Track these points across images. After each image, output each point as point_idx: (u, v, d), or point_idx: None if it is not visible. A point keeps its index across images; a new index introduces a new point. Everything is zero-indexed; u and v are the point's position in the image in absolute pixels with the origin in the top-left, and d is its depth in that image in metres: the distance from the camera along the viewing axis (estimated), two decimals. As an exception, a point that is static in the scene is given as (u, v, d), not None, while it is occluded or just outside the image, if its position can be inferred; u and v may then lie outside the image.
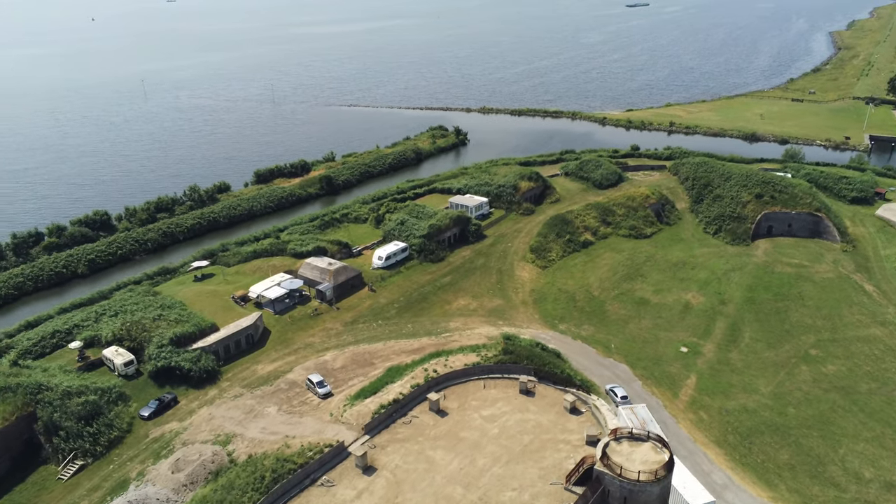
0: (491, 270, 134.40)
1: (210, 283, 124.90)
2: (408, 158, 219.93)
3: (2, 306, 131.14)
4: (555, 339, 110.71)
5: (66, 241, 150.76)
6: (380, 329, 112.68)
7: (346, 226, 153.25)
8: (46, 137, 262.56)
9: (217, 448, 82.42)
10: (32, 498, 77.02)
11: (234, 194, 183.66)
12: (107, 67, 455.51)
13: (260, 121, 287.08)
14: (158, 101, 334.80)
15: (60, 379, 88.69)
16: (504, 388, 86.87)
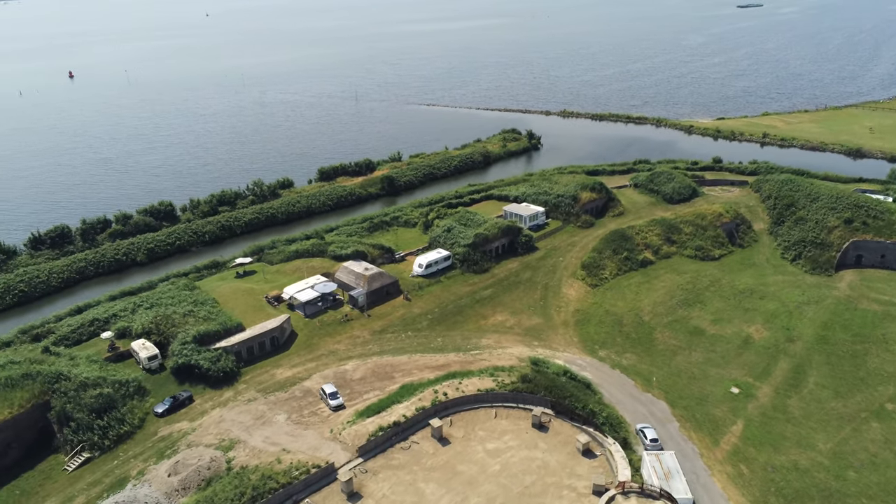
0: (536, 286, 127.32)
1: (249, 281, 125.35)
2: (475, 161, 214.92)
3: (64, 289, 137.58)
4: (590, 367, 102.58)
5: (131, 229, 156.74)
6: (407, 341, 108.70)
7: (395, 229, 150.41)
8: (140, 127, 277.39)
9: (218, 454, 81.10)
10: (36, 486, 78.54)
11: (296, 191, 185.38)
12: (211, 61, 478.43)
13: (338, 118, 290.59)
14: (248, 95, 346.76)
15: (81, 369, 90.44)
16: (516, 420, 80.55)
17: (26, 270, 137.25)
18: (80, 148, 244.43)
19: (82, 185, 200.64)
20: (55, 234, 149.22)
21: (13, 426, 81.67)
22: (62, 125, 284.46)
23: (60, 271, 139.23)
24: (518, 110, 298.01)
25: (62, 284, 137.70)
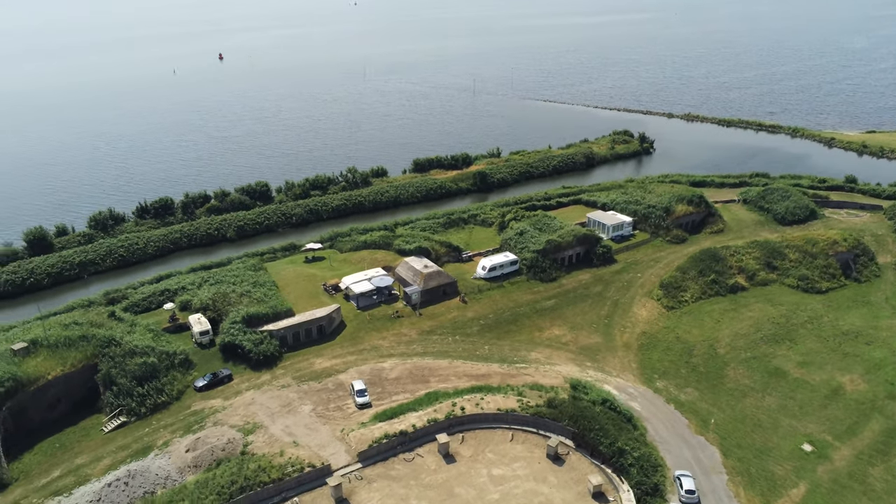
0: (605, 301, 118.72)
1: (315, 267, 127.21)
2: (576, 162, 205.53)
3: (158, 258, 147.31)
4: (641, 398, 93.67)
5: (227, 205, 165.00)
6: (453, 345, 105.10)
7: (471, 227, 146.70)
8: (263, 110, 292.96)
9: (238, 436, 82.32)
10: (74, 442, 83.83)
11: (388, 180, 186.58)
12: (345, 49, 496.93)
13: (451, 110, 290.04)
14: (370, 84, 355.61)
15: (134, 337, 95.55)
16: (532, 447, 74.71)
17: (128, 237, 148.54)
18: (208, 127, 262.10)
19: (198, 161, 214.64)
20: (159, 206, 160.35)
21: (64, 383, 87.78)
22: (201, 103, 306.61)
23: (157, 240, 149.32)
24: (638, 111, 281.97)
25: (157, 253, 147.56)
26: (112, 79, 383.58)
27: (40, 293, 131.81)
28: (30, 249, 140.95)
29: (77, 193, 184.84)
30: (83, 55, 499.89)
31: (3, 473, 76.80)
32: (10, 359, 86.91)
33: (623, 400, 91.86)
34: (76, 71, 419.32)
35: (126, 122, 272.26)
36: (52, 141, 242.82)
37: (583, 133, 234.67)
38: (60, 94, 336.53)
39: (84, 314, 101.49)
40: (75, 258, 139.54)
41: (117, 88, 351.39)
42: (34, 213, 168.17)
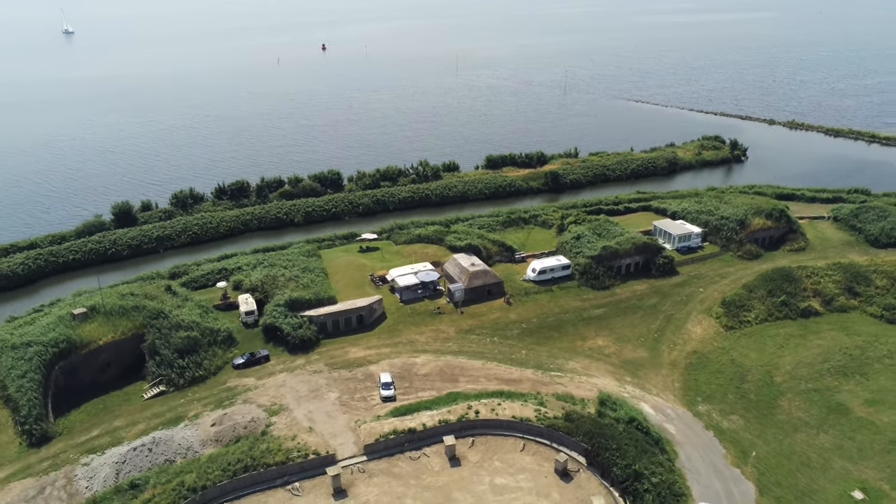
0: (658, 315, 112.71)
1: (367, 257, 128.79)
2: (657, 167, 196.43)
3: (228, 237, 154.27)
4: (679, 420, 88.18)
5: (299, 191, 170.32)
6: (490, 346, 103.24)
7: (531, 228, 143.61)
8: (353, 100, 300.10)
9: (262, 416, 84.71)
10: (116, 405, 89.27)
11: (459, 175, 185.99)
12: (445, 44, 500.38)
13: (537, 107, 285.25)
14: (460, 78, 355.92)
15: (183, 311, 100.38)
16: (542, 459, 72.00)
17: (203, 216, 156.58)
18: (297, 114, 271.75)
19: (281, 147, 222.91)
20: (235, 188, 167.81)
21: (114, 348, 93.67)
22: (297, 92, 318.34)
23: (229, 221, 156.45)
24: (736, 116, 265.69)
25: (228, 233, 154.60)
26: (223, 66, 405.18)
27: (120, 263, 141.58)
28: (116, 222, 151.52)
29: (170, 171, 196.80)
30: (203, 43, 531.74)
31: (49, 427, 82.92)
32: (70, 322, 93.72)
33: (657, 421, 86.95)
34: (193, 57, 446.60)
35: (226, 107, 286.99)
36: (160, 123, 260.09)
37: (670, 136, 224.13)
38: (179, 79, 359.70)
39: (141, 286, 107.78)
40: (154, 233, 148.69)
41: (227, 76, 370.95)
42: (131, 188, 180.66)
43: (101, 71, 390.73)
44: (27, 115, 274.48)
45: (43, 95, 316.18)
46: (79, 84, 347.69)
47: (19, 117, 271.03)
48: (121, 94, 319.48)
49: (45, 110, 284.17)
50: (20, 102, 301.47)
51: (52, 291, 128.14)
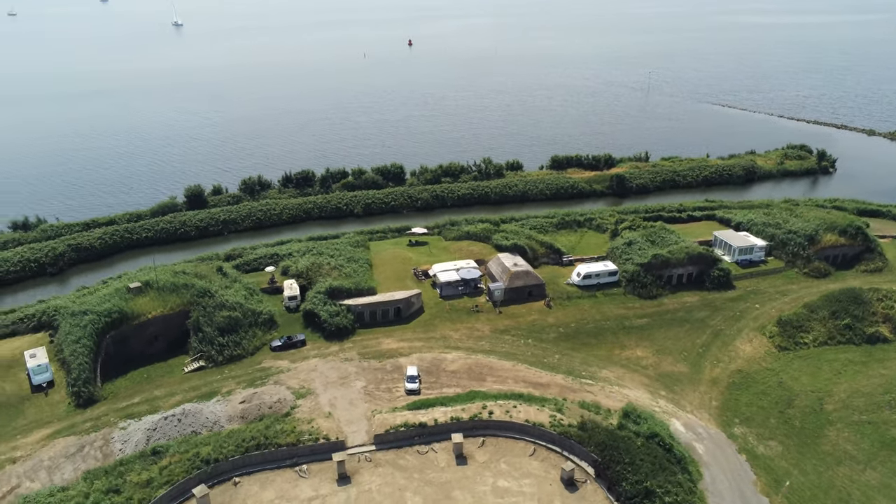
0: (705, 329, 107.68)
1: (415, 251, 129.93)
2: (732, 175, 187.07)
3: (289, 224, 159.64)
4: (709, 441, 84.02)
5: (361, 183, 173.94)
6: (524, 348, 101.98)
7: (584, 231, 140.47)
8: (428, 95, 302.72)
9: (289, 398, 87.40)
10: (158, 377, 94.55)
11: (521, 174, 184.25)
12: (534, 41, 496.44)
13: (614, 109, 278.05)
14: (541, 77, 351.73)
15: (229, 292, 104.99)
16: (549, 466, 70.51)
17: (268, 202, 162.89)
18: (373, 108, 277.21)
19: (353, 140, 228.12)
20: (301, 177, 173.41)
21: (163, 322, 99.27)
22: (377, 86, 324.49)
23: (292, 208, 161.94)
24: (830, 124, 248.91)
25: (290, 220, 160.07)
26: (312, 60, 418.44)
27: (187, 243, 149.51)
28: (188, 204, 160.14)
29: (244, 159, 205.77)
30: (295, 35, 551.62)
31: (96, 391, 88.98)
32: (124, 295, 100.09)
33: (686, 439, 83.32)
34: (284, 50, 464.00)
35: (308, 99, 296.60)
36: (244, 113, 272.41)
37: (752, 143, 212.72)
38: (267, 70, 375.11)
39: (194, 265, 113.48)
40: (221, 216, 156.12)
41: (314, 69, 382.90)
42: (206, 172, 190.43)
43: (202, 62, 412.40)
44: (127, 101, 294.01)
45: (148, 83, 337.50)
46: (181, 73, 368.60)
47: (120, 103, 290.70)
48: (215, 83, 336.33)
49: (145, 97, 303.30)
50: (125, 88, 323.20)
51: (124, 266, 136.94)
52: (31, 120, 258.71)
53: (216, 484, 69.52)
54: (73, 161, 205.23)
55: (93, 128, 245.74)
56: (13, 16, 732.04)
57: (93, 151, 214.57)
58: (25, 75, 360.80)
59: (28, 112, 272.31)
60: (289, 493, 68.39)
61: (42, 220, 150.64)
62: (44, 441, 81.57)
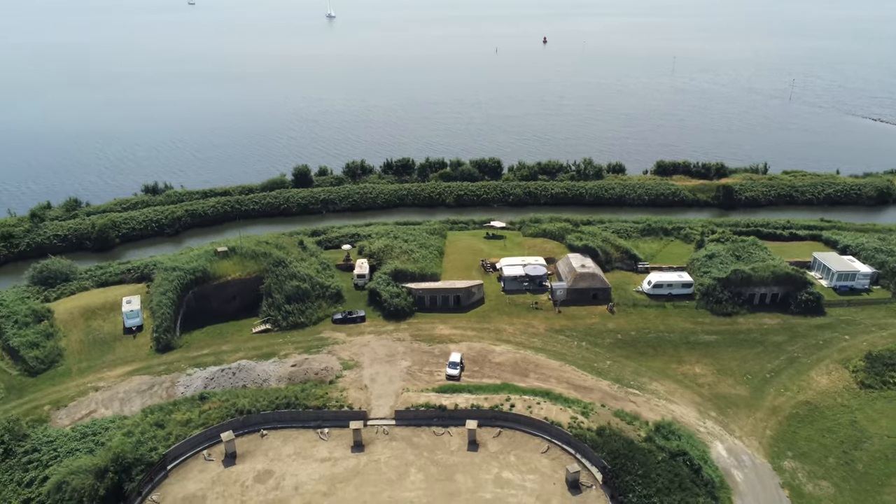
0: (779, 354, 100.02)
1: (489, 244, 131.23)
2: (861, 195, 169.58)
3: (384, 208, 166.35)
4: (751, 471, 78.70)
5: (457, 174, 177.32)
6: (575, 350, 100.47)
7: (670, 240, 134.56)
8: (549, 93, 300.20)
9: (337, 368, 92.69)
10: (229, 334, 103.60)
11: (620, 178, 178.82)
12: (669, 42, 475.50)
13: (747, 117, 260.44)
14: (674, 80, 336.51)
15: (303, 265, 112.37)
16: (559, 466, 69.68)
17: (366, 186, 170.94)
18: (489, 104, 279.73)
19: (460, 134, 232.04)
20: (400, 165, 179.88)
21: (240, 285, 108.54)
22: (499, 82, 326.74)
23: (387, 194, 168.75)
24: None
25: (384, 205, 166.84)
26: (445, 53, 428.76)
27: (289, 217, 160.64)
28: (294, 181, 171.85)
29: (354, 144, 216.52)
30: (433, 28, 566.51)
31: (173, 339, 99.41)
32: (211, 257, 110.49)
33: (724, 464, 78.73)
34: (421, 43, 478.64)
35: (431, 91, 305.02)
36: (367, 101, 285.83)
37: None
38: (401, 63, 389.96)
39: (277, 237, 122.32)
40: (321, 195, 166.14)
41: (448, 62, 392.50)
42: (318, 154, 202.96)
43: (345, 52, 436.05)
44: (267, 85, 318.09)
45: (289, 69, 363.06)
46: (321, 61, 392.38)
47: (259, 87, 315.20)
48: (351, 73, 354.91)
49: (284, 82, 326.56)
50: (273, 74, 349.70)
51: (230, 233, 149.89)
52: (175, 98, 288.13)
53: (246, 433, 75.84)
54: (207, 135, 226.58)
55: (232, 106, 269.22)
56: (192, 4, 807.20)
57: (226, 129, 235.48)
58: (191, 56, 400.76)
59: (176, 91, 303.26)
60: (306, 451, 73.18)
61: (169, 186, 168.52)
62: (123, 377, 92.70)
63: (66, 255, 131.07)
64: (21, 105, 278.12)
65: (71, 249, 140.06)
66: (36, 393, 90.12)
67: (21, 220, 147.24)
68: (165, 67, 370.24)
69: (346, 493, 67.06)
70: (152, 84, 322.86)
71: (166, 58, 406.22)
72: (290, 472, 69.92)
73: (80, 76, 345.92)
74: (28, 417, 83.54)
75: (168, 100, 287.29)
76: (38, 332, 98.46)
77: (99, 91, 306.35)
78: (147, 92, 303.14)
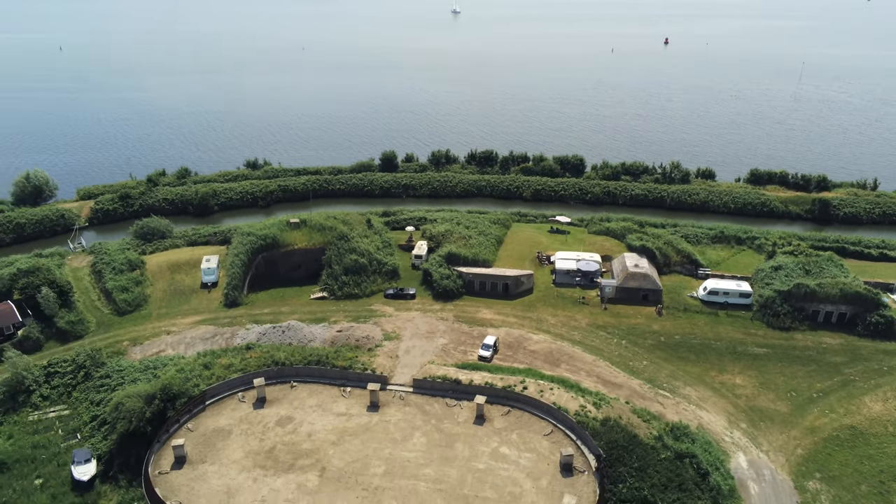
0: (834, 375, 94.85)
1: (551, 237, 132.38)
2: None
3: (460, 197, 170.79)
4: (769, 485, 76.32)
5: (538, 169, 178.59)
6: (614, 347, 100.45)
7: (742, 249, 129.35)
8: (653, 95, 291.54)
9: (378, 337, 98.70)
10: (289, 297, 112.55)
11: (709, 184, 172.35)
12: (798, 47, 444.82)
13: (869, 129, 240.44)
14: (798, 87, 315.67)
15: (364, 241, 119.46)
16: (556, 449, 71.35)
17: (447, 175, 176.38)
18: (588, 103, 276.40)
19: (553, 131, 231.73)
20: (483, 156, 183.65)
21: (305, 254, 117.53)
22: (607, 82, 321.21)
23: (465, 184, 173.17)
24: None
25: (461, 193, 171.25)
26: (555, 52, 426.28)
27: (370, 199, 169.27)
28: (380, 166, 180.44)
29: (443, 135, 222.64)
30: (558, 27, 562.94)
31: (240, 297, 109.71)
32: (283, 227, 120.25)
33: (741, 475, 77.15)
34: (537, 40, 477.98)
35: (534, 88, 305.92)
36: (467, 94, 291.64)
37: None
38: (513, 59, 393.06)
39: (346, 214, 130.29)
40: (404, 180, 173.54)
41: (564, 59, 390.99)
42: (407, 141, 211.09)
43: (462, 48, 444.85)
44: (375, 76, 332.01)
45: (405, 60, 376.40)
46: (437, 55, 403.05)
47: (370, 77, 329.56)
48: (459, 67, 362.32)
49: (396, 73, 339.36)
50: (383, 65, 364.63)
51: (316, 209, 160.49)
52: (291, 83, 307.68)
53: (278, 383, 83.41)
54: (311, 119, 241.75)
55: (342, 93, 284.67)
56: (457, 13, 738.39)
57: (328, 114, 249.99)
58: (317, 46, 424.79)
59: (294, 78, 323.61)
60: (327, 404, 79.54)
61: (267, 162, 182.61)
62: (193, 325, 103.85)
63: (170, 217, 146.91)
64: (156, 84, 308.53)
65: (176, 213, 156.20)
66: (119, 330, 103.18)
67: (139, 183, 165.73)
68: (290, 56, 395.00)
69: (352, 446, 72.63)
70: (275, 71, 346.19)
71: (291, 46, 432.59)
72: (308, 421, 76.52)
73: (215, 62, 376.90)
74: (109, 349, 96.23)
75: (285, 85, 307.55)
76: (130, 279, 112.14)
77: (226, 75, 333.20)
78: (270, 78, 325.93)
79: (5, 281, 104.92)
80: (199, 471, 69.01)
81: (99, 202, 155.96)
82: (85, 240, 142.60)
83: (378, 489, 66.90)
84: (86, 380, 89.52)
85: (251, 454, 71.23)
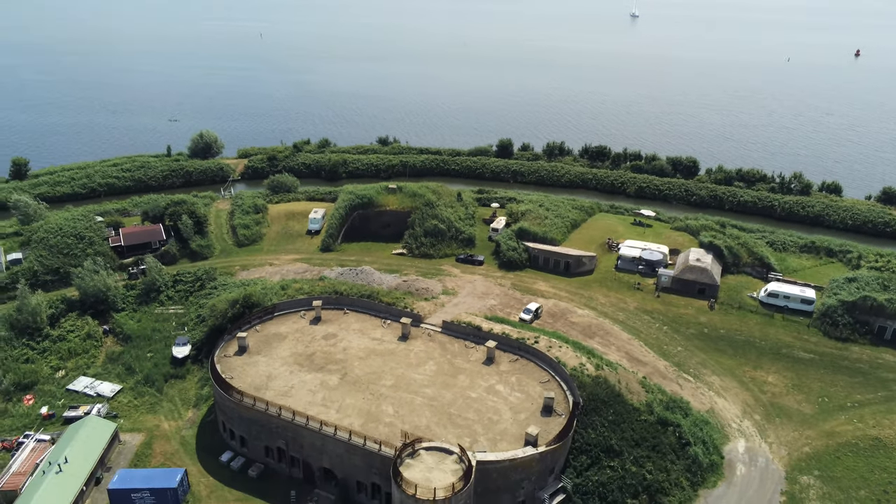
0: (879, 388, 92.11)
1: (631, 228, 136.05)
2: None
3: (565, 187, 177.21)
4: (758, 472, 78.85)
5: (649, 168, 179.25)
6: (654, 330, 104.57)
7: (830, 261, 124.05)
8: (808, 107, 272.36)
9: (437, 290, 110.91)
10: (374, 250, 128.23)
11: (831, 198, 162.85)
12: None
13: None
14: None
15: (447, 210, 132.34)
16: (548, 389, 79.39)
17: (556, 165, 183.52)
18: (732, 111, 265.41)
19: (683, 135, 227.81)
20: (596, 151, 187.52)
21: (394, 215, 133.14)
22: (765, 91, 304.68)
23: (572, 175, 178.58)
24: None
25: (566, 184, 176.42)
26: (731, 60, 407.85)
27: (478, 180, 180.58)
28: (497, 152, 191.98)
29: (562, 129, 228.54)
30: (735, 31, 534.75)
31: (334, 244, 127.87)
32: (379, 190, 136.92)
33: (732, 456, 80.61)
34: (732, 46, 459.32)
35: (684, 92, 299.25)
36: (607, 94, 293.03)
37: None
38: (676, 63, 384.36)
39: (439, 185, 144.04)
40: (513, 167, 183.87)
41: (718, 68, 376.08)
42: (533, 131, 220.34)
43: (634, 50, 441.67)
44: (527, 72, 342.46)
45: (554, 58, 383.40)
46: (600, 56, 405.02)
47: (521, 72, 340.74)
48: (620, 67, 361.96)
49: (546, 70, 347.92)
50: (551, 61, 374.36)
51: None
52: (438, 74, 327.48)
53: (334, 308, 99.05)
54: (445, 106, 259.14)
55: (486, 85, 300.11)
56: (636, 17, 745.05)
57: (463, 103, 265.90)
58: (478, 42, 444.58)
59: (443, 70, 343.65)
60: (367, 330, 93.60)
61: (396, 140, 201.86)
62: (291, 261, 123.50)
63: (305, 178, 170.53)
64: (327, 69, 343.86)
65: (310, 176, 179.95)
66: (235, 257, 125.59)
67: (286, 148, 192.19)
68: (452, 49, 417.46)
69: (374, 362, 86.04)
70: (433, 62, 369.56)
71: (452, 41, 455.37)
72: (347, 339, 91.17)
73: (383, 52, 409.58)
74: (223, 270, 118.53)
75: (434, 74, 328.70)
76: (253, 219, 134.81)
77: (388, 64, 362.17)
78: (426, 68, 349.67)
79: (161, 209, 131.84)
80: (253, 359, 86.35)
81: (252, 161, 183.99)
82: (234, 189, 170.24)
83: (381, 396, 79.76)
84: (200, 289, 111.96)
85: (295, 355, 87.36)
